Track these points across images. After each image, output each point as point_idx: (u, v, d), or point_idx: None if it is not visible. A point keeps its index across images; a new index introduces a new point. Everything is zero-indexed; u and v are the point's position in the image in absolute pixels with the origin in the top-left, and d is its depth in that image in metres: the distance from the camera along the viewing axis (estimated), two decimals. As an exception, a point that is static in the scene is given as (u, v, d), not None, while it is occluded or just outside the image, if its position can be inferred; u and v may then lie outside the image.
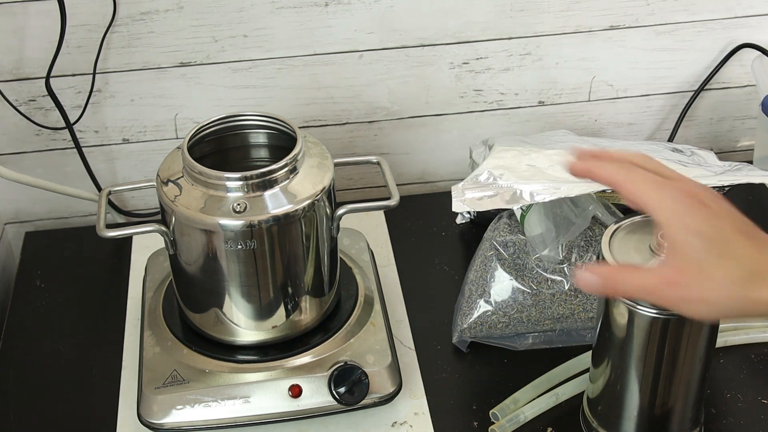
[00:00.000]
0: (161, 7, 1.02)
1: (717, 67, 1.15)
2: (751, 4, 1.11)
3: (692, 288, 0.57)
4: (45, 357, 0.96)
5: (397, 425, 0.87)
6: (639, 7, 1.10)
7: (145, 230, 0.84)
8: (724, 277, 0.56)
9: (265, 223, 0.79)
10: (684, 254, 0.58)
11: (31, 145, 1.10)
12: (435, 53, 1.10)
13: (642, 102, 1.18)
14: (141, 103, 1.09)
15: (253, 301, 0.84)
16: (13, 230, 1.16)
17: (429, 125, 1.16)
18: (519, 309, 0.93)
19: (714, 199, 0.59)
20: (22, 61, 1.04)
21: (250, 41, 1.06)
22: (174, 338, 0.88)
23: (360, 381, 0.84)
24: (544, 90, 1.16)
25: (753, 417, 0.88)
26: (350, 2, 1.05)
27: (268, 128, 0.87)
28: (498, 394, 0.89)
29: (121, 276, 1.04)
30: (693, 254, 0.57)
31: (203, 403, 0.83)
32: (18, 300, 1.03)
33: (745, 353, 0.94)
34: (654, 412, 0.80)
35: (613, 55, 1.13)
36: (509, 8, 1.08)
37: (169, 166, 0.84)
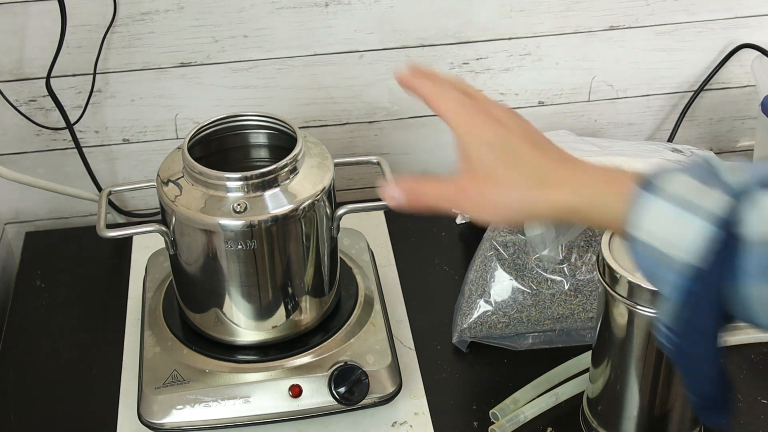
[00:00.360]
0: (161, 8, 1.02)
1: (717, 67, 1.15)
2: (750, 5, 1.11)
3: (485, 194, 0.62)
4: (45, 357, 0.96)
5: (397, 425, 0.87)
6: (639, 8, 1.10)
7: (145, 230, 0.84)
8: (513, 183, 0.61)
9: (265, 223, 0.79)
10: (476, 163, 0.63)
11: (32, 145, 1.10)
12: (435, 53, 1.10)
13: (642, 102, 1.18)
14: (141, 103, 1.09)
15: (253, 301, 0.84)
16: (13, 230, 1.16)
17: (429, 125, 1.16)
18: (519, 309, 0.93)
19: (509, 117, 0.65)
20: (23, 62, 1.04)
21: (251, 41, 1.06)
22: (174, 338, 0.88)
23: (360, 381, 0.84)
24: (544, 90, 1.16)
25: (753, 417, 0.88)
26: (350, 2, 1.05)
27: (269, 128, 0.87)
28: (498, 394, 0.89)
29: (121, 276, 1.04)
30: (484, 163, 0.62)
31: (203, 403, 0.83)
32: (18, 300, 1.03)
33: (745, 353, 0.94)
34: (654, 412, 0.81)
35: (613, 55, 1.13)
36: (509, 9, 1.08)
37: (170, 167, 0.84)
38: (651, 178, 0.56)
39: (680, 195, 0.54)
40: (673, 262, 0.53)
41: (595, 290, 0.93)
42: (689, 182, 0.54)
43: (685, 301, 0.53)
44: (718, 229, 0.51)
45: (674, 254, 0.53)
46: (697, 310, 0.52)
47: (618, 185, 0.58)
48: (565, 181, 0.60)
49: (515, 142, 0.62)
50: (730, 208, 0.52)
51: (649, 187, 0.55)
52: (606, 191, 0.58)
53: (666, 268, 0.54)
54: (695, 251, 0.52)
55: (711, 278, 0.52)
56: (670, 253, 0.53)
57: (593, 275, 0.92)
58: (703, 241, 0.52)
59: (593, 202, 0.59)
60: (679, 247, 0.53)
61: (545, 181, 0.60)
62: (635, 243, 0.55)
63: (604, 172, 0.60)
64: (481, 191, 0.62)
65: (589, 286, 0.93)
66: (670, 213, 0.53)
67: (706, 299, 0.52)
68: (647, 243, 0.54)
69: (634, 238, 0.55)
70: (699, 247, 0.52)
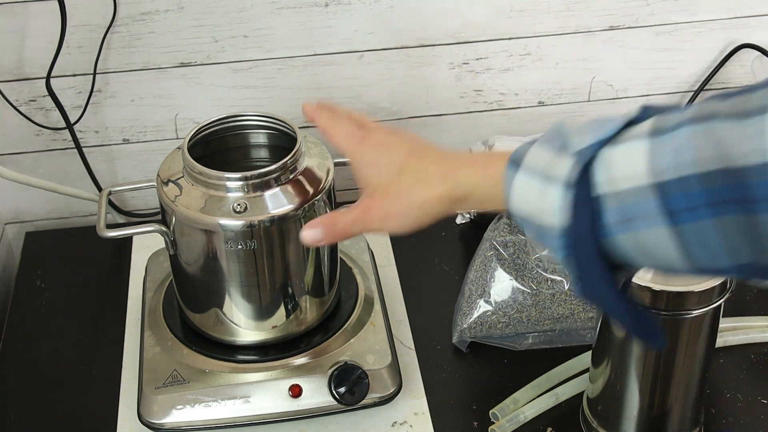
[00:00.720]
0: (161, 8, 1.02)
1: (717, 67, 1.15)
2: (750, 5, 1.11)
3: (384, 207, 0.68)
4: (45, 357, 0.96)
5: (397, 425, 0.87)
6: (639, 8, 1.10)
7: (145, 230, 0.84)
8: (401, 191, 0.67)
9: (265, 224, 0.79)
10: (370, 183, 0.70)
11: (32, 145, 1.10)
12: (435, 53, 1.10)
13: (642, 102, 1.18)
14: (141, 103, 1.09)
15: (253, 301, 0.84)
16: (13, 230, 1.16)
17: (429, 125, 1.16)
18: (519, 309, 0.93)
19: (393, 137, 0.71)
20: (23, 62, 1.04)
21: (251, 41, 1.06)
22: (174, 338, 0.88)
23: (360, 381, 0.84)
24: (544, 90, 1.16)
25: (752, 417, 0.88)
26: (350, 2, 1.05)
27: (269, 128, 0.87)
28: (498, 394, 0.89)
29: (121, 276, 1.04)
30: (375, 181, 0.69)
31: (203, 403, 0.83)
32: (18, 300, 1.03)
33: (745, 353, 0.94)
34: (653, 412, 0.81)
35: (613, 55, 1.13)
36: (509, 9, 1.08)
37: (170, 167, 0.84)
38: (515, 154, 0.61)
39: (538, 167, 0.59)
40: (547, 228, 0.58)
41: (595, 290, 0.93)
42: (544, 153, 0.59)
43: (569, 258, 0.57)
44: (573, 191, 0.56)
45: (546, 221, 0.58)
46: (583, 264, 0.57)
47: (491, 169, 0.63)
48: (444, 177, 0.66)
49: (397, 156, 0.69)
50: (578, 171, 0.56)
51: (513, 165, 0.60)
52: (481, 177, 0.64)
53: (545, 236, 0.58)
54: (560, 215, 0.56)
55: (581, 235, 0.56)
56: (542, 222, 0.58)
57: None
58: (563, 205, 0.56)
59: (474, 189, 0.65)
60: (547, 215, 0.57)
61: (427, 181, 0.66)
62: (515, 218, 0.61)
63: (479, 159, 0.66)
64: (380, 206, 0.68)
65: (589, 286, 0.92)
66: (534, 185, 0.58)
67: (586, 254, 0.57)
68: (523, 216, 0.60)
69: (513, 213, 0.61)
70: (562, 210, 0.56)
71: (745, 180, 0.49)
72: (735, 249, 0.51)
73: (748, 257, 0.51)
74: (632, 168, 0.54)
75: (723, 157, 0.50)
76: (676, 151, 0.52)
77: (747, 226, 0.50)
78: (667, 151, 0.53)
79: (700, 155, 0.51)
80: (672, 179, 0.52)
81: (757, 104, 0.50)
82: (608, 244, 0.56)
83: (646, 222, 0.54)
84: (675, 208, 0.52)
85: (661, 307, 0.73)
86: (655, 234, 0.53)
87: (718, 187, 0.50)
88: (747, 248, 0.51)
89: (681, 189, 0.52)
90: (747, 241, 0.51)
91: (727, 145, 0.50)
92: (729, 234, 0.51)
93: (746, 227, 0.50)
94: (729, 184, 0.50)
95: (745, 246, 0.51)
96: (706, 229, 0.51)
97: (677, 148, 0.52)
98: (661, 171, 0.52)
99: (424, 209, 0.67)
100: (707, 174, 0.51)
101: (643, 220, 0.54)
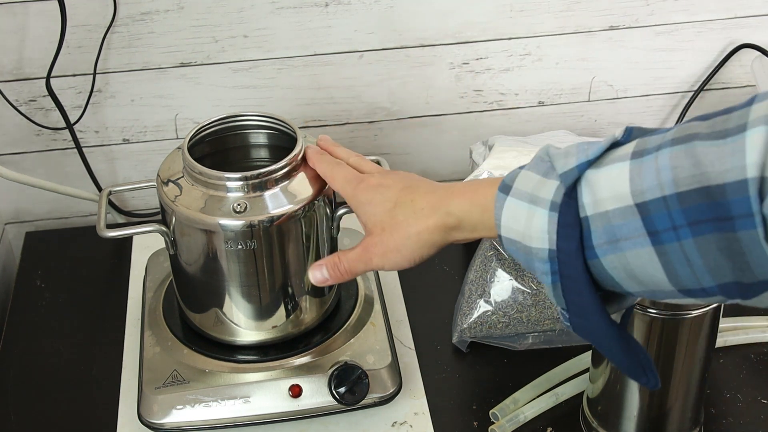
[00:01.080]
0: (161, 8, 1.02)
1: (717, 67, 1.16)
2: (750, 5, 1.12)
3: (384, 243, 0.71)
4: (45, 357, 0.96)
5: (397, 425, 0.87)
6: (639, 8, 1.10)
7: (145, 230, 0.84)
8: (398, 226, 0.70)
9: (265, 223, 0.79)
10: (368, 223, 0.72)
11: (32, 145, 1.10)
12: (435, 53, 1.10)
13: (642, 102, 1.18)
14: (141, 103, 1.09)
15: (253, 301, 0.84)
16: (13, 230, 1.16)
17: (429, 125, 1.16)
18: (519, 309, 0.93)
19: (389, 177, 0.74)
20: (23, 62, 1.04)
21: (251, 41, 1.06)
22: (174, 338, 0.88)
23: (360, 381, 0.84)
24: (544, 90, 1.16)
25: (752, 417, 0.88)
26: (350, 2, 1.05)
27: (269, 128, 0.87)
28: (498, 394, 0.89)
29: (121, 276, 1.04)
30: (373, 220, 0.72)
31: (203, 403, 0.83)
32: (18, 300, 1.03)
33: (745, 353, 0.94)
34: (653, 412, 0.81)
35: (613, 55, 1.13)
36: (509, 9, 1.08)
37: (170, 167, 0.84)
38: (506, 179, 0.62)
39: (526, 190, 0.60)
40: (535, 251, 0.58)
41: (595, 290, 0.93)
42: (532, 177, 0.60)
43: (558, 283, 0.58)
44: (558, 213, 0.56)
45: (533, 245, 0.58)
46: (570, 289, 0.57)
47: (480, 197, 0.65)
48: (436, 207, 0.68)
49: (391, 193, 0.72)
50: (563, 193, 0.57)
51: (504, 189, 0.61)
52: (470, 205, 0.66)
53: (532, 258, 0.59)
54: (547, 238, 0.57)
55: (568, 259, 0.57)
56: (530, 245, 0.59)
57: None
58: (549, 227, 0.57)
59: (464, 216, 0.66)
60: (535, 238, 0.58)
61: (420, 213, 0.69)
62: (504, 241, 0.61)
63: (469, 188, 0.67)
64: (379, 242, 0.71)
65: (589, 286, 0.93)
66: (522, 209, 0.59)
67: (573, 278, 0.57)
68: (512, 239, 0.60)
69: (502, 237, 0.62)
70: (548, 233, 0.57)
71: (723, 198, 0.50)
72: (717, 268, 0.52)
73: (730, 276, 0.52)
74: (616, 189, 0.55)
75: (702, 176, 0.51)
76: (656, 172, 0.53)
77: (727, 244, 0.50)
78: (648, 171, 0.53)
79: (679, 175, 0.52)
80: (653, 199, 0.53)
81: (735, 123, 0.51)
82: (596, 267, 0.56)
83: (632, 242, 0.54)
84: (658, 228, 0.53)
85: (661, 307, 0.73)
86: (641, 254, 0.54)
87: (698, 206, 0.51)
88: (728, 266, 0.51)
89: (662, 209, 0.52)
90: (728, 259, 0.51)
91: (705, 164, 0.51)
92: (710, 252, 0.51)
93: (726, 245, 0.50)
94: (708, 202, 0.50)
95: (727, 264, 0.51)
96: (688, 249, 0.52)
97: (658, 168, 0.53)
98: (642, 191, 0.53)
99: (421, 240, 0.69)
100: (687, 193, 0.51)
101: (628, 240, 0.54)
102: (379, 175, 0.76)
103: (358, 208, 0.74)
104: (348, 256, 0.74)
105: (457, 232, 0.68)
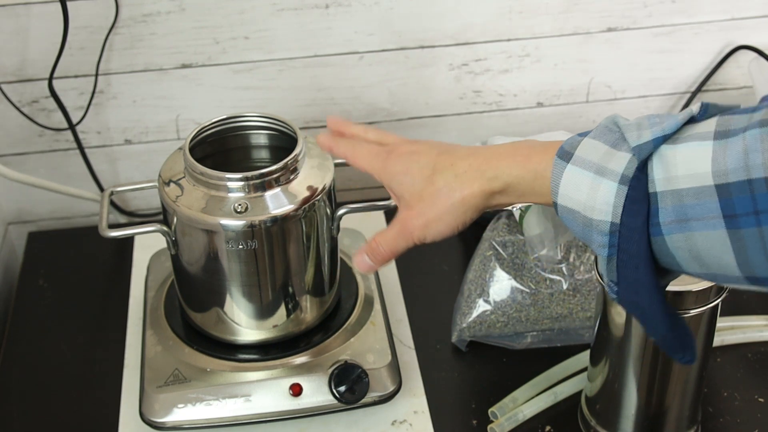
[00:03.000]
0: (163, 9, 1.03)
1: (714, 68, 1.16)
2: (747, 7, 1.12)
3: (424, 214, 0.66)
4: (48, 356, 0.96)
5: (396, 424, 0.87)
6: (636, 9, 1.10)
7: (146, 230, 0.84)
8: (439, 192, 0.65)
9: (265, 224, 0.79)
10: (403, 194, 0.68)
11: (34, 146, 1.11)
12: (434, 55, 1.11)
13: (640, 103, 1.19)
14: (143, 104, 1.09)
15: (254, 301, 0.85)
16: (16, 230, 1.17)
17: (429, 126, 1.17)
18: (518, 308, 0.93)
19: (415, 144, 0.70)
20: (25, 63, 1.04)
21: (251, 43, 1.07)
22: (176, 337, 0.89)
23: (360, 380, 0.84)
24: (543, 91, 1.16)
25: (750, 415, 0.88)
26: (350, 4, 1.05)
27: (269, 129, 0.88)
28: (497, 393, 0.90)
29: (123, 276, 1.05)
30: (408, 190, 0.67)
31: (204, 402, 0.84)
32: (21, 300, 1.03)
33: (742, 352, 0.95)
34: (651, 411, 0.81)
35: (611, 56, 1.14)
36: (508, 10, 1.08)
37: (171, 167, 0.84)
38: (565, 146, 0.59)
39: (591, 160, 0.57)
40: (596, 223, 0.56)
41: (593, 290, 0.93)
42: (599, 146, 0.57)
43: (614, 257, 0.56)
44: (628, 187, 0.54)
45: (595, 216, 0.56)
46: (627, 264, 0.56)
47: (533, 161, 0.62)
48: (481, 170, 0.64)
49: (425, 160, 0.67)
50: (635, 167, 0.55)
51: (564, 156, 0.59)
52: (522, 169, 0.62)
53: (591, 230, 0.57)
54: (612, 211, 0.55)
55: (631, 234, 0.55)
56: (591, 216, 0.56)
57: (591, 275, 0.93)
58: (616, 201, 0.55)
59: (514, 181, 0.63)
60: (597, 210, 0.56)
61: (463, 177, 0.65)
62: (560, 210, 0.59)
63: (518, 151, 0.64)
64: (419, 213, 0.66)
65: (588, 285, 0.93)
66: (586, 178, 0.57)
67: (633, 253, 0.55)
68: (570, 208, 0.58)
69: (558, 205, 0.59)
70: (614, 206, 0.55)
71: None
72: None
73: None
74: (694, 168, 0.52)
75: None
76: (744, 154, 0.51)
77: None
78: (733, 153, 0.51)
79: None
80: (737, 182, 0.51)
81: None
82: (658, 244, 0.54)
83: (704, 223, 0.52)
84: (737, 212, 0.51)
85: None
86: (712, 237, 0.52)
87: None
88: None
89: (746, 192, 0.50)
90: None
91: None
92: None
93: None
94: None
95: None
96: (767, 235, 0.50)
97: (746, 150, 0.51)
98: (725, 172, 0.51)
99: (465, 206, 0.65)
100: None
101: (701, 221, 0.52)
102: (408, 143, 0.71)
103: (393, 180, 0.69)
104: (386, 236, 0.69)
105: (502, 196, 0.64)
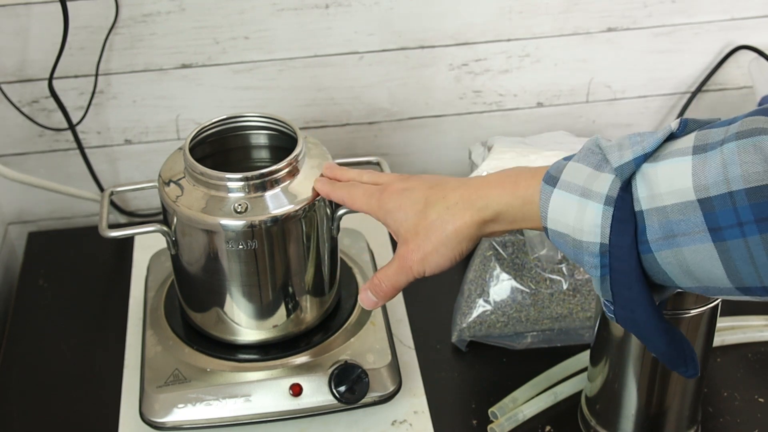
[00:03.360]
0: (163, 9, 1.03)
1: (714, 68, 1.16)
2: (747, 7, 1.12)
3: (420, 246, 0.68)
4: (48, 356, 0.96)
5: (396, 423, 0.88)
6: (637, 9, 1.10)
7: (146, 230, 0.84)
8: (432, 226, 0.67)
9: (265, 224, 0.79)
10: (400, 231, 0.70)
11: (34, 146, 1.11)
12: (434, 55, 1.11)
13: (640, 103, 1.19)
14: (143, 104, 1.10)
15: (254, 301, 0.85)
16: (16, 230, 1.17)
17: (428, 126, 1.17)
18: (518, 308, 0.93)
19: (408, 181, 0.72)
20: (25, 63, 1.04)
21: (251, 43, 1.07)
22: (175, 337, 0.89)
23: (360, 380, 0.84)
24: (543, 91, 1.16)
25: (750, 415, 0.88)
26: (350, 4, 1.05)
27: (269, 129, 0.88)
28: (497, 393, 0.90)
29: (123, 276, 1.05)
30: (403, 226, 0.69)
31: (204, 402, 0.84)
32: (21, 300, 1.03)
33: (742, 352, 0.95)
34: (651, 411, 0.81)
35: (611, 56, 1.14)
36: (508, 10, 1.08)
37: (171, 167, 0.84)
38: (551, 170, 0.60)
39: (576, 183, 0.58)
40: (586, 245, 0.57)
41: (593, 290, 0.93)
42: (582, 169, 0.58)
43: (607, 276, 0.57)
44: (613, 207, 0.55)
45: (584, 238, 0.57)
46: (620, 283, 0.56)
47: (521, 189, 0.63)
48: (471, 200, 0.66)
49: (417, 195, 0.69)
50: (618, 187, 0.55)
51: (550, 181, 0.59)
52: (511, 197, 0.63)
53: (582, 252, 0.57)
54: (600, 232, 0.56)
55: (621, 253, 0.55)
56: (580, 238, 0.57)
57: (591, 275, 0.93)
58: (603, 222, 0.56)
59: (504, 209, 0.64)
60: (586, 232, 0.57)
61: (454, 209, 0.66)
62: (551, 234, 0.60)
63: (505, 179, 0.65)
64: (416, 248, 0.68)
65: (588, 285, 0.93)
66: (572, 202, 0.58)
67: (624, 272, 0.56)
68: (560, 232, 0.59)
69: (548, 230, 0.60)
70: (602, 227, 0.56)
71: None
72: None
73: None
74: (676, 184, 0.53)
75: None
76: (723, 167, 0.51)
77: None
78: (712, 167, 0.52)
79: (749, 170, 0.50)
80: (718, 195, 0.51)
81: None
82: (648, 261, 0.55)
83: (690, 238, 0.53)
84: (721, 224, 0.51)
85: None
86: (700, 251, 0.53)
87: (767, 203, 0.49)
88: None
89: (727, 205, 0.51)
90: None
91: None
92: None
93: None
94: None
95: None
96: (753, 246, 0.50)
97: (724, 163, 0.51)
98: (706, 187, 0.52)
99: (459, 237, 0.66)
100: (755, 189, 0.50)
101: (687, 236, 0.53)
102: (400, 180, 0.73)
103: (388, 217, 0.71)
104: (387, 273, 0.71)
105: (494, 224, 0.65)
